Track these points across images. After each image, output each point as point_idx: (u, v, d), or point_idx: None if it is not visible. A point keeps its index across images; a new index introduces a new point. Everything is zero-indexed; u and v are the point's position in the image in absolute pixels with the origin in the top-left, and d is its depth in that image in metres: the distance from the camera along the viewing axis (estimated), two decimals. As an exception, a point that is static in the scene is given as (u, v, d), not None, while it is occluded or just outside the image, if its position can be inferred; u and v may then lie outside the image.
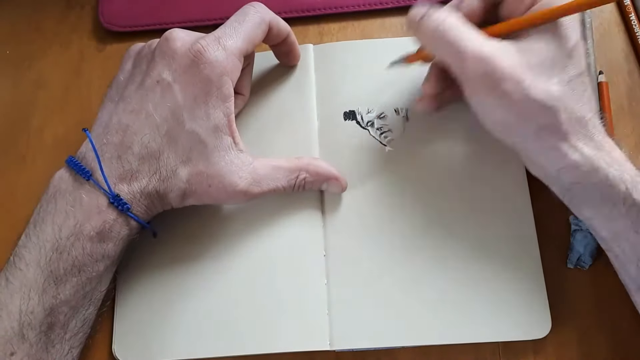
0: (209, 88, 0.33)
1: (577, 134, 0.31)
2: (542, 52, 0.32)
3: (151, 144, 0.33)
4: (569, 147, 0.31)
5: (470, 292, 0.36)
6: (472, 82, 0.33)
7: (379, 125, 0.40)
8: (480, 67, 0.31)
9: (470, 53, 0.31)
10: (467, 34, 0.32)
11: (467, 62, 0.32)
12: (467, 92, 0.33)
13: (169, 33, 0.35)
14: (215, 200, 0.35)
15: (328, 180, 0.37)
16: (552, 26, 0.32)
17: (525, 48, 0.32)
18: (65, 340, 0.33)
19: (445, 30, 0.32)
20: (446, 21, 0.32)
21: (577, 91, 0.32)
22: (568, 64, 0.32)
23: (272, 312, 0.36)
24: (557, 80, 0.31)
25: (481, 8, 0.35)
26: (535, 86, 0.31)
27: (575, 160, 0.31)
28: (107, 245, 0.33)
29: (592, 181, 0.31)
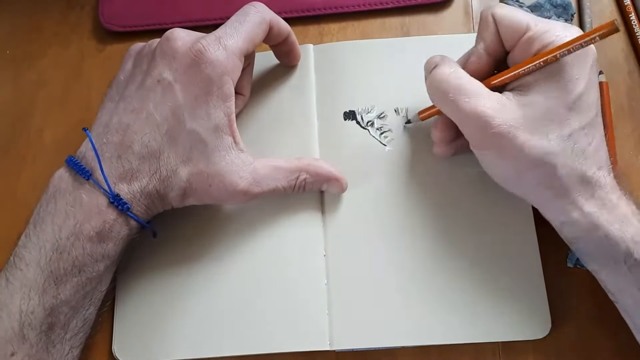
0: (210, 88, 0.33)
1: (577, 190, 0.31)
2: (542, 105, 0.31)
3: (151, 144, 0.33)
4: (568, 204, 0.31)
5: (470, 292, 0.36)
6: (471, 138, 0.33)
7: (378, 125, 0.40)
8: (476, 124, 0.32)
9: (466, 111, 0.32)
10: (467, 93, 0.32)
11: (465, 121, 0.33)
12: (471, 146, 0.34)
13: (169, 33, 0.35)
14: (216, 200, 0.35)
15: (328, 181, 0.37)
16: (556, 77, 0.31)
17: (526, 102, 0.32)
18: (65, 340, 0.33)
19: (446, 89, 0.33)
20: (448, 79, 0.33)
21: (580, 145, 0.31)
22: (569, 117, 0.31)
23: (272, 312, 0.36)
24: (555, 135, 0.31)
25: (488, 62, 0.35)
26: (530, 143, 0.31)
27: (575, 217, 0.31)
28: (107, 245, 0.33)
29: (592, 238, 0.31)
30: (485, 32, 0.34)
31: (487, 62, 0.35)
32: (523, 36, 0.33)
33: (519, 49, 0.33)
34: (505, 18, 0.33)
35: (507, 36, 0.34)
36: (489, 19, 0.34)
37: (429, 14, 0.44)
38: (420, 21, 0.44)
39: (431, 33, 0.44)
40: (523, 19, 0.33)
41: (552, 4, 0.42)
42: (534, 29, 0.32)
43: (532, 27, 0.33)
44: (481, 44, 0.35)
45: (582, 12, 0.43)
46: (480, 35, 0.35)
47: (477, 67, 0.35)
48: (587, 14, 0.43)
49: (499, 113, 0.31)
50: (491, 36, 0.34)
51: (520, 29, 0.33)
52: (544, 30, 0.32)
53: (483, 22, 0.35)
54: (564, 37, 0.31)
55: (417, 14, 0.44)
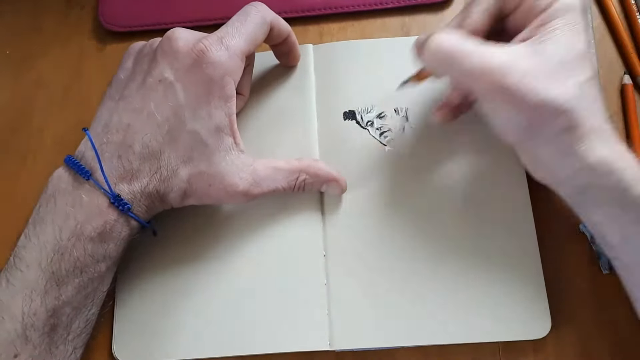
0: (211, 88, 0.33)
1: (594, 136, 0.31)
2: (554, 55, 0.31)
3: (152, 144, 0.33)
4: (586, 149, 0.31)
5: (470, 292, 0.36)
6: (486, 95, 0.32)
7: (378, 125, 0.40)
8: (491, 80, 0.31)
9: (474, 70, 0.31)
10: (472, 50, 0.31)
11: (477, 78, 0.31)
12: (483, 103, 0.33)
13: (171, 32, 0.35)
14: (216, 201, 0.35)
15: (328, 182, 0.37)
16: (563, 29, 0.31)
17: (536, 52, 0.31)
18: (68, 341, 0.33)
19: (448, 50, 0.32)
20: (443, 44, 0.32)
21: (593, 92, 0.31)
22: (581, 65, 0.31)
23: (272, 312, 0.36)
24: (572, 82, 0.31)
25: (486, 23, 0.34)
26: (551, 89, 0.30)
27: (592, 162, 0.31)
28: (108, 245, 0.33)
29: (606, 184, 0.31)
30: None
31: (485, 21, 0.34)
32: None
33: (525, 7, 0.33)
34: None
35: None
36: None
37: (429, 14, 0.44)
38: (420, 21, 0.44)
39: (431, 33, 0.44)
40: None
41: (552, 4, 0.42)
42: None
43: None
44: (480, 5, 0.34)
45: (582, 12, 0.43)
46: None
47: (475, 28, 0.34)
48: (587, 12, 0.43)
49: (512, 64, 0.31)
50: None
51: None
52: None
53: None
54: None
55: (417, 14, 0.44)
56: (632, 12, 0.43)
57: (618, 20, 0.43)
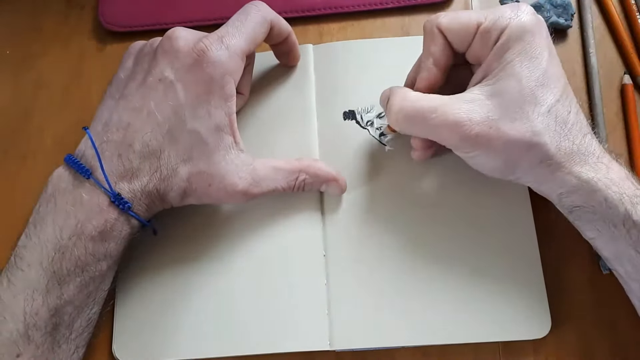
0: (212, 87, 0.33)
1: (571, 160, 0.31)
2: (513, 90, 0.31)
3: (152, 142, 0.33)
4: (565, 174, 0.31)
5: (470, 292, 0.36)
6: (454, 145, 0.33)
7: (378, 124, 0.40)
8: (456, 135, 0.32)
9: (440, 125, 0.32)
10: (431, 109, 0.32)
11: (443, 135, 0.32)
12: (455, 151, 0.34)
13: (171, 32, 0.35)
14: (215, 200, 0.35)
15: (327, 182, 0.37)
16: (517, 59, 0.31)
17: (494, 92, 0.32)
18: (70, 340, 0.33)
19: (407, 116, 0.33)
20: (405, 107, 0.33)
21: (561, 116, 0.31)
22: (542, 93, 0.31)
23: (272, 312, 0.36)
24: (536, 114, 0.31)
25: (439, 74, 0.35)
26: (514, 129, 0.31)
27: (573, 186, 0.31)
28: (109, 244, 0.33)
29: (591, 204, 0.31)
30: (433, 45, 0.34)
31: (437, 74, 0.35)
32: (477, 32, 0.33)
33: (477, 44, 0.33)
34: (453, 24, 0.33)
35: (459, 40, 0.33)
36: (434, 32, 0.34)
37: (429, 14, 0.44)
38: (420, 21, 0.44)
39: (431, 33, 0.44)
40: (471, 18, 0.33)
41: (552, 4, 0.42)
42: (485, 21, 0.32)
43: (482, 20, 0.33)
44: (430, 59, 0.34)
45: (583, 11, 0.43)
46: (427, 50, 0.34)
47: (429, 83, 0.35)
48: (587, 12, 0.43)
49: (473, 113, 0.31)
50: (439, 48, 0.34)
51: (472, 28, 0.33)
52: (495, 18, 0.32)
53: (428, 35, 0.34)
54: (515, 18, 0.32)
55: (417, 14, 0.44)
56: (632, 12, 0.43)
57: (618, 20, 0.43)
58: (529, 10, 0.32)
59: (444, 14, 0.34)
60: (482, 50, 0.33)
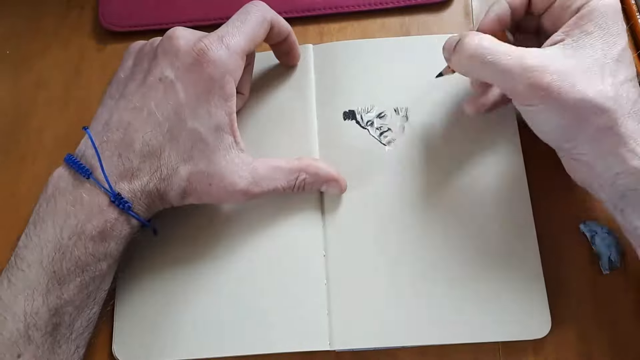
0: (212, 87, 0.33)
1: (635, 138, 0.31)
2: (590, 57, 0.31)
3: (152, 142, 0.33)
4: (627, 152, 0.31)
5: (470, 292, 0.36)
6: (521, 95, 0.32)
7: (378, 124, 0.40)
8: (526, 80, 0.31)
9: (512, 68, 0.31)
10: (505, 51, 0.31)
11: (512, 78, 0.31)
12: (518, 103, 0.33)
13: (172, 31, 0.35)
14: (215, 200, 0.35)
15: (327, 182, 0.37)
16: (597, 32, 0.31)
17: (571, 54, 0.31)
18: (71, 340, 0.33)
19: (481, 53, 0.32)
20: (480, 44, 0.32)
21: (633, 94, 0.31)
22: (617, 68, 0.31)
23: (272, 312, 0.36)
24: (610, 82, 0.31)
25: (509, 15, 0.35)
26: (590, 88, 0.30)
27: (634, 165, 0.30)
28: (109, 244, 0.33)
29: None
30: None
31: (507, 15, 0.34)
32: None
33: (558, 7, 0.33)
34: None
35: None
36: None
37: (429, 14, 0.44)
38: (420, 21, 0.44)
39: (431, 33, 0.44)
40: None
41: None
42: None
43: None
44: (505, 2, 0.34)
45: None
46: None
47: (498, 19, 0.34)
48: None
49: (549, 63, 0.31)
50: None
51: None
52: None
53: None
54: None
55: (417, 14, 0.44)
56: (632, 12, 0.43)
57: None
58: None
59: None
60: (561, 13, 0.33)
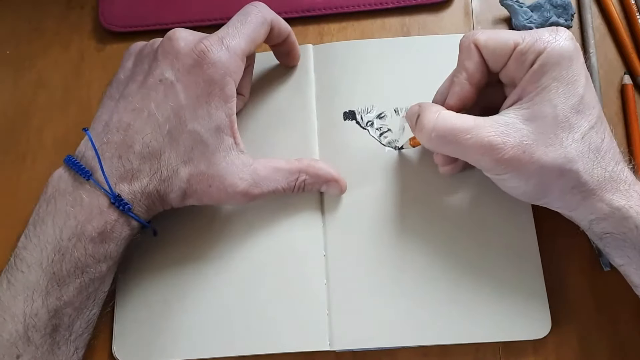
0: (212, 88, 0.33)
1: (603, 187, 0.31)
2: (548, 115, 0.31)
3: (153, 144, 0.33)
4: (597, 201, 0.31)
5: (470, 292, 0.36)
6: (486, 168, 0.33)
7: (378, 125, 0.40)
8: (487, 155, 0.31)
9: (473, 148, 0.31)
10: (464, 129, 0.32)
11: (474, 156, 0.32)
12: (485, 173, 0.34)
13: (172, 32, 0.35)
14: (215, 201, 0.35)
15: (327, 182, 0.37)
16: (554, 84, 0.31)
17: (529, 116, 0.31)
18: (70, 341, 0.33)
19: (440, 135, 0.32)
20: (438, 126, 0.32)
21: (595, 143, 0.31)
22: (577, 120, 0.31)
23: (272, 312, 0.36)
24: (570, 141, 0.31)
25: (472, 91, 0.34)
26: (548, 154, 0.31)
27: (604, 213, 0.31)
28: (108, 245, 0.33)
29: (622, 230, 0.31)
30: (468, 60, 0.34)
31: (470, 91, 0.34)
32: (513, 52, 0.32)
33: (512, 65, 0.33)
34: (490, 42, 0.33)
35: (495, 58, 0.33)
36: (471, 47, 0.33)
37: (429, 14, 0.44)
38: (420, 21, 0.44)
39: (431, 33, 0.44)
40: (509, 38, 0.32)
41: (552, 4, 0.42)
42: (522, 43, 0.32)
43: (519, 41, 0.32)
44: (463, 74, 0.34)
45: (583, 11, 0.43)
46: (462, 65, 0.34)
47: (462, 99, 0.34)
48: (587, 12, 0.43)
49: (507, 136, 0.31)
50: (474, 65, 0.33)
51: (508, 48, 0.32)
52: (533, 41, 0.32)
53: (465, 51, 0.34)
54: (554, 42, 0.31)
55: (417, 14, 0.44)
56: (632, 12, 0.43)
57: (618, 20, 0.43)
58: (568, 36, 0.32)
59: (482, 30, 0.34)
60: (517, 71, 0.33)
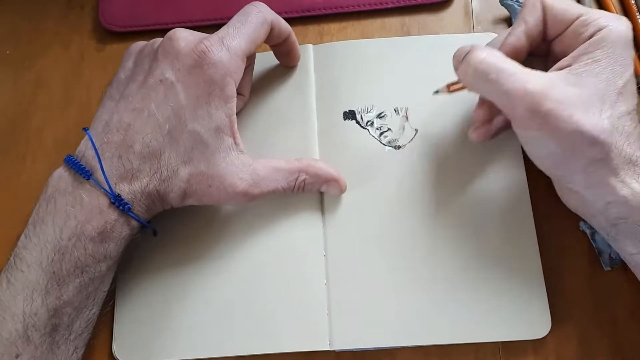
0: (212, 89, 0.33)
1: (627, 169, 0.31)
2: (593, 86, 0.31)
3: (153, 144, 0.33)
4: (618, 182, 0.31)
5: (470, 292, 0.36)
6: (519, 119, 0.32)
7: (378, 124, 0.40)
8: (526, 104, 0.31)
9: (514, 91, 0.31)
10: (509, 71, 0.31)
11: (512, 100, 0.31)
12: (515, 126, 0.33)
13: (172, 33, 0.35)
14: (215, 201, 0.35)
15: (327, 182, 0.37)
16: (605, 60, 0.31)
17: (575, 82, 0.31)
18: (69, 341, 0.33)
19: (485, 70, 0.32)
20: (486, 60, 0.32)
21: (629, 127, 0.31)
22: (618, 100, 0.31)
23: (272, 312, 0.36)
24: (608, 114, 0.31)
25: (525, 46, 0.34)
26: (587, 120, 0.30)
27: (624, 195, 0.31)
28: (108, 245, 0.33)
29: (639, 217, 0.31)
30: (530, 16, 0.34)
31: (524, 44, 0.34)
32: (574, 22, 0.33)
33: (571, 33, 0.33)
34: (557, 5, 0.33)
35: (556, 22, 0.33)
36: (536, 5, 0.34)
37: (429, 14, 0.44)
38: (420, 21, 0.44)
39: (431, 33, 0.44)
40: (575, 7, 0.33)
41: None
42: (586, 15, 0.33)
43: (584, 13, 0.33)
44: (522, 26, 0.34)
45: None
46: (524, 17, 0.34)
47: (514, 50, 0.34)
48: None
49: (551, 90, 0.31)
50: (536, 21, 0.34)
51: (572, 15, 0.33)
52: (596, 17, 0.32)
53: (530, 6, 0.34)
54: (615, 22, 0.32)
55: (417, 14, 0.44)
56: (632, 12, 0.43)
57: (618, 20, 0.43)
58: (628, 25, 0.32)
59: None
60: (573, 39, 0.33)
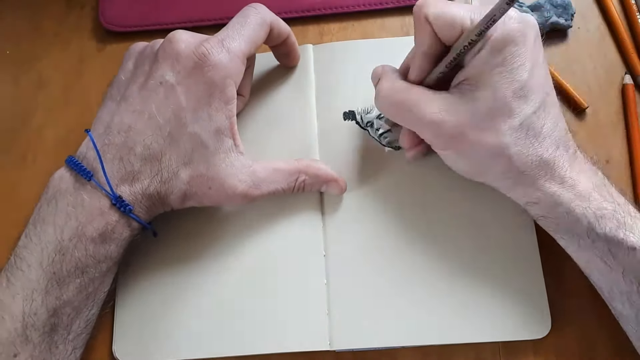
0: (212, 91, 0.33)
1: (537, 173, 0.32)
2: (489, 99, 0.31)
3: (153, 146, 0.33)
4: (529, 187, 0.32)
5: (470, 292, 0.36)
6: (429, 142, 0.34)
7: (378, 125, 0.40)
8: (430, 131, 0.33)
9: (416, 120, 0.33)
10: (411, 103, 0.33)
11: (419, 128, 0.34)
12: (432, 148, 0.35)
13: (172, 35, 0.35)
14: (215, 203, 0.35)
15: (327, 182, 0.38)
16: (499, 67, 0.31)
17: (470, 98, 0.32)
18: (68, 341, 0.33)
19: (392, 101, 0.34)
20: (391, 91, 0.34)
21: (534, 128, 0.31)
22: (517, 105, 0.31)
23: (272, 312, 0.36)
24: (506, 127, 0.31)
25: (431, 62, 0.34)
26: (481, 140, 0.31)
27: (537, 197, 0.32)
28: (109, 246, 0.33)
29: (555, 216, 0.32)
30: (421, 34, 0.33)
31: (429, 62, 0.34)
32: (465, 29, 0.31)
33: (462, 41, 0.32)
34: (440, 18, 0.32)
35: (445, 34, 0.32)
36: (422, 21, 0.32)
37: (429, 14, 0.44)
38: (420, 21, 0.44)
39: (431, 33, 0.44)
40: (457, 14, 0.31)
41: (552, 4, 0.42)
42: (470, 26, 0.31)
43: (467, 23, 0.31)
44: (419, 48, 0.34)
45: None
46: (417, 38, 0.34)
47: (421, 71, 0.34)
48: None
49: (448, 115, 0.32)
50: (428, 38, 0.33)
51: (458, 25, 0.31)
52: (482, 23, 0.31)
53: (417, 24, 0.33)
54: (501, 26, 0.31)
55: (417, 14, 0.44)
56: (632, 12, 0.43)
57: (618, 20, 0.43)
58: (516, 18, 0.31)
59: (433, 2, 0.32)
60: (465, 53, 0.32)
